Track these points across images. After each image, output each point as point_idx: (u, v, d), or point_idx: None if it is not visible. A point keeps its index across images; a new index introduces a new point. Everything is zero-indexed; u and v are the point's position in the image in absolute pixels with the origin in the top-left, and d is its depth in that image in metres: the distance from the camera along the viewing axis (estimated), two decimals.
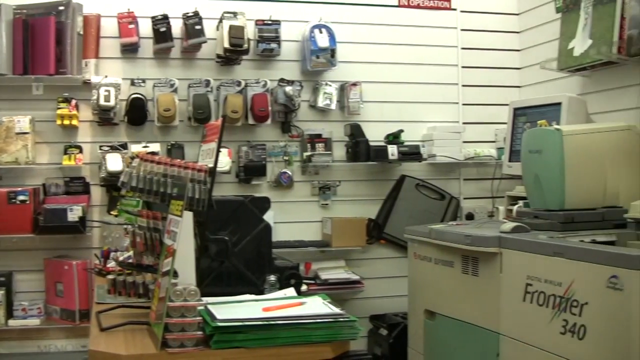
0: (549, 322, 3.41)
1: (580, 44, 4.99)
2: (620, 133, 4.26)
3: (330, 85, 5.50)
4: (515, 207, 4.73)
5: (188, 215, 2.65)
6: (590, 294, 3.16)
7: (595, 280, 3.10)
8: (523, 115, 5.31)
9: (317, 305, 2.84)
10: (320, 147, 5.47)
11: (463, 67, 5.98)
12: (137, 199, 3.18)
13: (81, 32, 5.06)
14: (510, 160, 5.35)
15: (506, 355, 3.77)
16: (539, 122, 4.53)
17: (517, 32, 6.16)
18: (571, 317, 3.26)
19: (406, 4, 5.83)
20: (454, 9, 5.98)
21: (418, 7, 5.86)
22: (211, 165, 2.96)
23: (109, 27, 5.23)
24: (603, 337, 3.08)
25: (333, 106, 5.50)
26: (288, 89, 5.34)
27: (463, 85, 5.97)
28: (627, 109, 4.86)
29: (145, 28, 5.18)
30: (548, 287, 3.42)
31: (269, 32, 5.34)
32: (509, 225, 3.99)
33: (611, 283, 3.00)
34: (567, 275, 3.30)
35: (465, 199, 5.94)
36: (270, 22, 5.35)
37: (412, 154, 5.58)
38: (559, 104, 4.92)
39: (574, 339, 3.24)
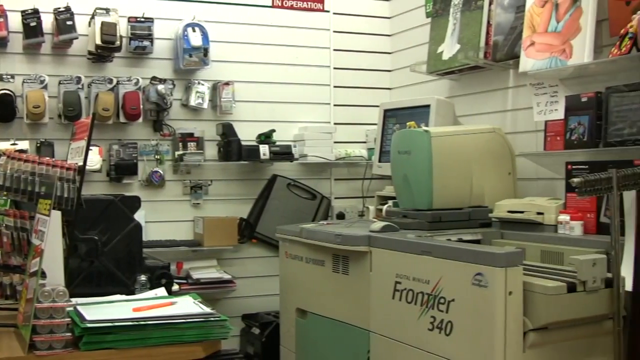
0: (418, 319, 3.47)
1: (448, 49, 5.13)
2: (485, 135, 4.40)
3: (202, 85, 5.46)
4: (384, 207, 4.83)
5: (56, 215, 2.60)
6: (456, 291, 3.24)
7: (462, 278, 3.18)
8: (393, 116, 5.41)
9: (187, 305, 2.83)
10: (192, 146, 5.43)
11: (335, 68, 6.04)
12: (5, 197, 3.09)
13: None
14: (380, 161, 5.44)
15: (376, 352, 3.83)
16: (408, 123, 4.63)
17: (389, 35, 6.28)
18: (439, 314, 3.33)
19: (280, 4, 5.85)
20: (327, 11, 6.03)
21: (292, 8, 5.89)
22: (80, 163, 2.91)
23: None
24: (469, 333, 3.16)
25: (205, 105, 5.47)
26: (160, 87, 5.28)
27: (335, 87, 6.03)
28: (492, 112, 5.02)
29: (15, 22, 5.01)
30: (416, 284, 3.49)
31: (141, 30, 5.27)
32: (379, 224, 4.06)
33: (476, 280, 3.09)
34: (434, 273, 3.37)
35: (336, 198, 6.01)
36: (143, 19, 5.28)
37: (284, 153, 5.60)
38: (428, 106, 5.03)
39: (441, 335, 3.31)
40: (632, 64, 3.82)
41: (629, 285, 3.21)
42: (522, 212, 4.01)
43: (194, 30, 5.34)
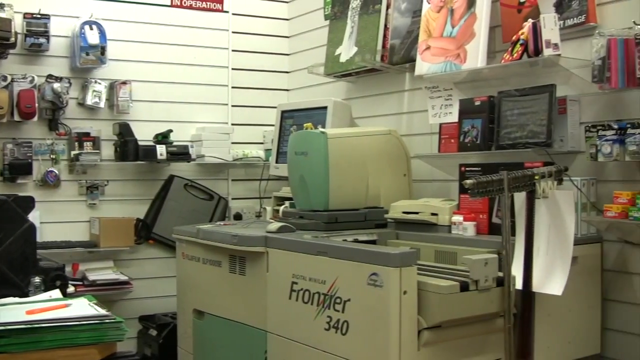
0: (314, 319, 3.48)
1: (346, 51, 5.18)
2: (381, 137, 4.46)
3: (99, 83, 5.38)
4: (281, 208, 4.84)
5: None
6: (352, 291, 3.27)
7: (357, 278, 3.21)
8: (290, 117, 5.43)
9: (82, 307, 2.80)
10: (88, 145, 5.34)
11: (233, 69, 6.03)
12: None
13: None
14: (277, 162, 5.46)
15: (274, 353, 3.83)
16: (305, 125, 4.65)
17: (287, 37, 6.30)
18: (335, 314, 3.36)
19: (178, 4, 5.80)
20: (226, 12, 6.02)
21: (190, 7, 5.85)
22: None
23: None
24: (365, 332, 3.19)
25: (102, 104, 5.39)
26: (56, 85, 5.17)
27: (233, 87, 6.02)
28: (388, 115, 5.09)
29: None
30: (313, 285, 3.51)
31: (37, 27, 5.15)
32: (275, 225, 4.07)
33: (371, 280, 3.12)
34: (330, 273, 3.40)
35: (233, 199, 5.99)
36: (39, 16, 5.16)
37: (181, 154, 5.56)
38: (325, 107, 5.07)
39: (337, 335, 3.34)
40: (523, 70, 3.94)
41: (519, 284, 3.31)
42: (416, 213, 4.08)
43: (91, 28, 5.25)
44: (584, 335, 3.70)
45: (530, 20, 3.74)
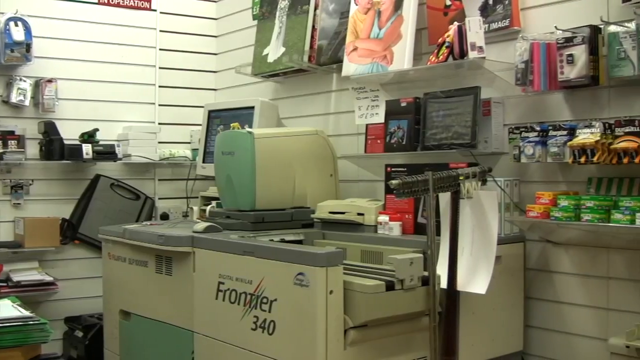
0: (241, 319, 3.49)
1: (274, 51, 5.19)
2: (308, 137, 4.48)
3: (24, 81, 5.28)
4: (208, 208, 4.83)
5: None
6: (279, 291, 3.28)
7: (284, 278, 3.22)
8: (217, 117, 5.43)
9: (6, 309, 2.77)
10: (12, 144, 5.24)
11: (161, 68, 5.99)
12: None
13: None
14: (204, 162, 5.45)
15: (201, 353, 3.82)
16: (232, 124, 4.64)
17: (215, 37, 6.28)
18: (261, 314, 3.36)
19: (106, 2, 5.73)
20: (154, 10, 5.97)
21: (118, 5, 5.79)
22: None
23: None
24: (291, 332, 3.21)
25: (27, 102, 5.29)
26: None
27: (160, 86, 5.98)
28: (315, 115, 5.12)
29: None
30: (239, 285, 3.51)
31: None
32: (202, 225, 4.06)
33: (298, 280, 3.14)
34: (257, 273, 3.40)
35: (160, 199, 5.95)
36: None
37: (107, 153, 5.50)
38: (252, 107, 5.08)
39: (264, 335, 3.35)
40: (449, 72, 4.00)
41: (444, 283, 3.35)
42: (343, 213, 4.11)
43: (16, 25, 5.15)
44: (507, 333, 3.77)
45: (456, 23, 3.79)
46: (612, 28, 3.39)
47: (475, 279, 3.37)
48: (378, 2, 4.36)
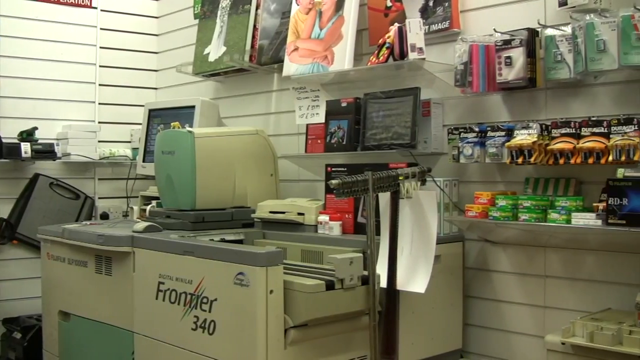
0: (181, 319, 3.48)
1: (215, 51, 5.18)
2: (249, 137, 4.49)
3: None
4: (148, 207, 4.80)
5: None
6: (219, 291, 3.28)
7: (224, 277, 3.21)
8: (158, 116, 5.40)
9: None
10: None
11: (101, 66, 5.93)
12: None
13: None
14: (144, 161, 5.42)
15: (141, 354, 3.80)
16: (172, 124, 4.63)
17: (156, 35, 6.24)
18: (202, 314, 3.36)
19: None
20: (95, 8, 5.90)
21: (58, 2, 5.71)
22: None
23: None
24: (232, 331, 3.21)
25: None
26: None
27: (100, 85, 5.92)
28: (256, 115, 5.12)
29: None
30: (179, 284, 3.50)
31: None
32: (142, 224, 4.04)
33: (238, 280, 3.13)
34: (197, 273, 3.40)
35: (100, 198, 5.89)
36: None
37: (46, 152, 5.43)
38: (193, 107, 5.06)
39: (204, 335, 3.34)
40: (389, 72, 4.03)
41: (383, 282, 3.36)
42: (283, 212, 4.12)
43: None
44: (446, 331, 3.80)
45: (396, 25, 3.82)
46: (549, 31, 3.46)
47: (414, 278, 3.40)
48: (319, 2, 4.38)
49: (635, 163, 3.06)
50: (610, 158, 3.11)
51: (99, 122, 5.87)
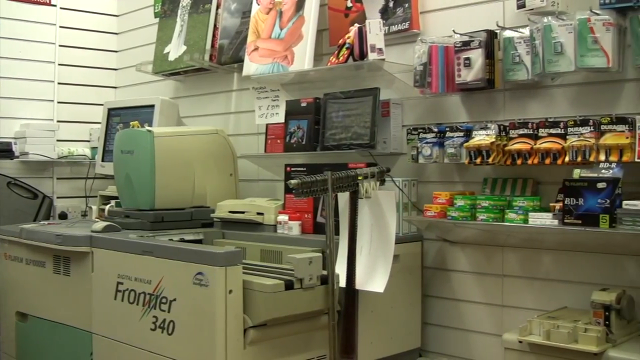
0: (140, 319, 3.47)
1: (175, 50, 5.16)
2: (208, 137, 4.48)
3: None
4: (107, 207, 4.78)
5: None
6: (178, 291, 3.27)
7: (183, 277, 3.21)
8: (117, 115, 5.36)
9: None
10: None
11: (60, 64, 5.88)
12: None
13: None
14: (103, 160, 5.38)
15: (99, 354, 3.78)
16: (131, 123, 4.61)
17: (116, 34, 6.20)
18: (161, 314, 3.35)
19: None
20: (54, 5, 5.84)
21: None
22: None
23: None
24: (191, 331, 3.20)
25: None
26: None
27: (59, 83, 5.87)
28: (216, 114, 5.11)
29: None
30: (138, 285, 3.49)
31: None
32: (101, 224, 4.01)
33: (197, 279, 3.13)
34: (156, 273, 3.39)
35: (58, 198, 5.84)
36: None
37: (4, 151, 5.38)
38: (152, 106, 5.04)
39: (164, 335, 3.33)
40: (349, 73, 4.04)
41: (343, 282, 3.38)
42: (242, 212, 4.11)
43: None
44: (405, 330, 3.82)
45: (357, 25, 3.83)
46: (508, 33, 3.49)
47: (373, 278, 3.41)
48: (280, 2, 4.38)
49: (591, 164, 3.10)
50: (567, 159, 3.16)
51: (58, 121, 5.82)
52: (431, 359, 3.91)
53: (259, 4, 4.52)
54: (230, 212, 4.15)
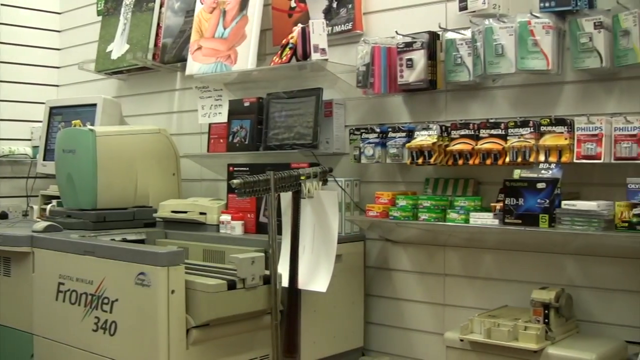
0: (82, 320, 3.44)
1: (118, 48, 5.12)
2: (151, 136, 4.46)
3: None
4: (49, 207, 4.72)
5: None
6: (120, 291, 3.25)
7: (125, 278, 3.19)
8: (59, 114, 5.31)
9: None
10: None
11: (1, 62, 5.80)
12: None
13: None
14: (45, 159, 5.32)
15: (40, 356, 3.75)
16: (73, 122, 4.56)
17: (58, 31, 6.13)
18: (103, 314, 3.33)
19: None
20: None
21: None
22: None
23: None
24: (133, 332, 3.19)
25: None
26: None
27: (0, 81, 5.79)
28: (159, 114, 5.08)
29: None
30: (80, 285, 3.46)
31: None
32: (42, 224, 3.98)
33: (139, 280, 3.12)
34: (98, 273, 3.36)
35: None
36: None
37: None
38: (95, 105, 4.99)
39: (105, 335, 3.31)
40: (292, 73, 4.05)
41: (285, 282, 3.39)
42: (185, 212, 4.10)
43: None
44: (348, 330, 3.84)
45: (300, 25, 3.84)
46: (450, 35, 3.53)
47: (316, 278, 3.43)
48: (223, 1, 4.37)
49: (531, 164, 3.14)
50: (507, 159, 3.20)
51: None
52: (374, 358, 3.93)
53: (202, 3, 4.51)
54: (173, 211, 4.14)
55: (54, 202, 4.75)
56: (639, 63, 2.95)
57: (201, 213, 4.05)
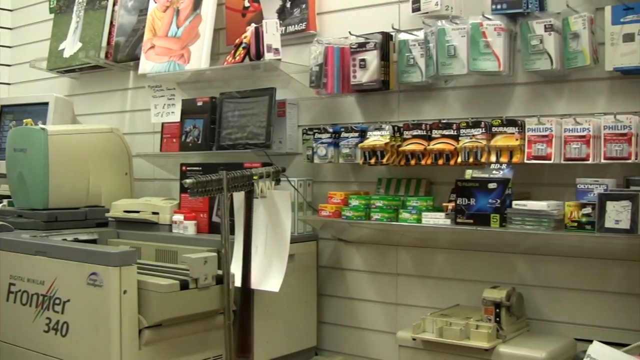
0: (33, 321, 3.40)
1: (70, 46, 5.08)
2: (103, 135, 4.42)
3: None
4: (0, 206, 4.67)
5: None
6: (72, 292, 3.22)
7: (77, 278, 3.17)
8: (10, 113, 5.25)
9: None
10: None
11: None
12: None
13: None
14: None
15: None
16: (24, 120, 4.52)
17: (10, 29, 6.06)
18: (54, 315, 3.30)
19: None
20: None
21: None
22: None
23: None
24: (85, 333, 3.16)
25: None
26: None
27: None
28: (111, 112, 5.05)
29: None
30: (31, 286, 3.42)
31: None
32: None
33: (91, 280, 3.09)
34: (49, 273, 3.33)
35: None
36: None
37: None
38: (47, 103, 4.95)
39: (57, 336, 3.28)
40: (245, 72, 4.05)
41: (238, 282, 3.39)
42: (138, 211, 4.08)
43: None
44: (301, 329, 3.85)
45: (253, 25, 3.84)
46: (403, 36, 3.56)
47: (269, 277, 3.43)
48: (177, 0, 4.35)
49: (483, 165, 3.18)
50: (459, 159, 3.24)
51: None
52: (327, 357, 3.95)
53: (156, 2, 4.49)
54: (125, 211, 4.12)
55: (5, 201, 4.69)
56: (588, 65, 3.01)
57: (154, 213, 4.03)
